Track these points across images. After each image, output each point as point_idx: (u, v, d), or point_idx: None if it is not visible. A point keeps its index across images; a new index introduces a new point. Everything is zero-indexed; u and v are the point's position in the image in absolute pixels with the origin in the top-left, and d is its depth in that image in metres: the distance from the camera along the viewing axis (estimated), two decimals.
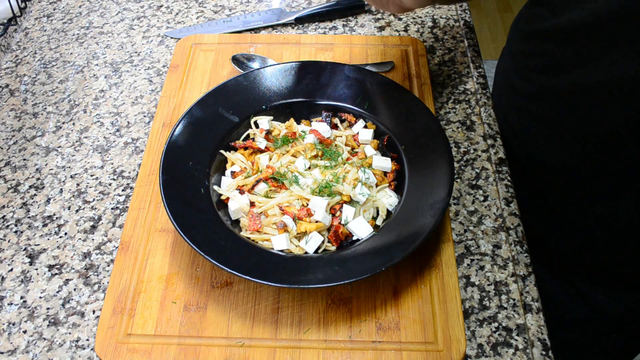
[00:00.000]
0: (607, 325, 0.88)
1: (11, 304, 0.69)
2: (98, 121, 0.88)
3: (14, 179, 0.81)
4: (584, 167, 0.77)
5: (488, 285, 0.70)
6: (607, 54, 0.66)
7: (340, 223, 0.70)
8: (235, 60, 0.91)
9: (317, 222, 0.68)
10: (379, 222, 0.71)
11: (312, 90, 0.82)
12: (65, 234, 0.75)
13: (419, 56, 0.92)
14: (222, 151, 0.77)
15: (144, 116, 0.89)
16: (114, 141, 0.85)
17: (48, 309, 0.68)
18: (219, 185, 0.74)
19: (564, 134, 0.77)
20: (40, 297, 0.69)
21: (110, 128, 0.87)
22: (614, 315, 0.86)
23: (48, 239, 0.75)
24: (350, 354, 0.63)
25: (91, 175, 0.81)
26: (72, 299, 0.69)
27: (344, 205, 0.70)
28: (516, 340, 0.65)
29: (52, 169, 0.82)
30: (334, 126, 0.81)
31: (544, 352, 0.64)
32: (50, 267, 0.72)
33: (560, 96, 0.75)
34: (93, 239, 0.74)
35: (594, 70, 0.68)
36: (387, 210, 0.72)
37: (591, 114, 0.72)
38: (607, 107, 0.70)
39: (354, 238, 0.70)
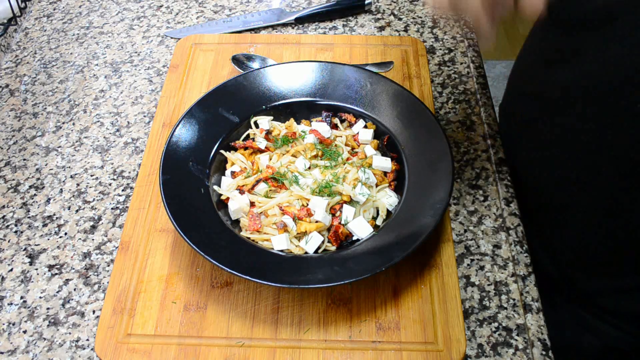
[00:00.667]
0: (585, 358, 0.86)
1: (11, 304, 0.69)
2: (98, 121, 0.88)
3: (14, 179, 0.81)
4: (581, 180, 0.75)
5: (488, 285, 0.70)
6: (606, 48, 0.64)
7: (340, 223, 0.70)
8: (235, 60, 0.91)
9: (317, 222, 0.68)
10: (379, 222, 0.71)
11: (312, 90, 0.82)
12: (65, 234, 0.75)
13: (419, 56, 0.92)
14: (222, 151, 0.77)
15: (144, 116, 0.89)
16: (114, 141, 0.85)
17: (48, 309, 0.68)
18: (219, 185, 0.74)
19: (563, 142, 0.75)
20: (40, 297, 0.69)
21: (110, 128, 0.87)
22: (592, 350, 0.84)
23: (48, 239, 0.75)
24: (350, 354, 0.63)
25: (91, 175, 0.81)
26: (72, 299, 0.69)
27: (344, 205, 0.70)
28: (516, 340, 0.65)
29: (52, 169, 0.82)
30: (334, 126, 0.81)
31: (544, 352, 0.64)
32: (50, 267, 0.72)
33: (559, 94, 0.73)
34: (93, 239, 0.75)
35: (590, 65, 0.66)
36: (387, 210, 0.72)
37: (584, 115, 0.70)
38: (601, 108, 0.68)
39: (354, 238, 0.70)
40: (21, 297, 0.69)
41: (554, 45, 0.74)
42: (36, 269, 0.72)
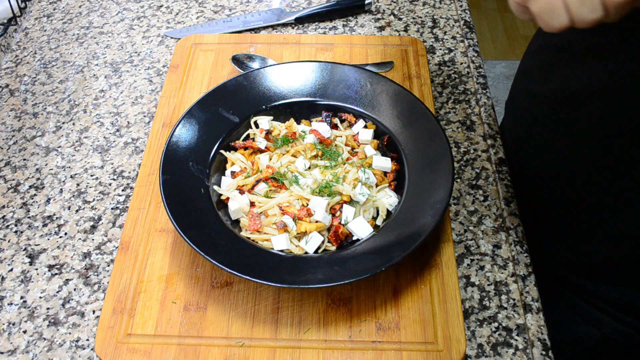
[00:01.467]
0: (581, 352, 0.86)
1: (11, 304, 0.69)
2: (98, 121, 0.88)
3: (14, 179, 0.81)
4: (586, 175, 0.75)
5: (488, 285, 0.70)
6: (616, 48, 0.64)
7: (340, 223, 0.70)
8: (235, 60, 0.91)
9: (317, 222, 0.68)
10: (379, 222, 0.71)
11: (312, 90, 0.82)
12: (65, 234, 0.75)
13: (419, 56, 0.92)
14: (222, 151, 0.77)
15: (144, 116, 0.89)
16: (114, 141, 0.85)
17: (48, 309, 0.68)
18: (219, 185, 0.74)
19: (569, 140, 0.75)
20: (40, 297, 0.69)
21: (110, 128, 0.87)
22: (589, 342, 0.84)
23: (48, 239, 0.75)
24: (350, 354, 0.63)
25: (91, 175, 0.81)
26: (72, 299, 0.69)
27: (344, 205, 0.70)
28: (516, 340, 0.65)
29: (52, 169, 0.82)
30: (334, 126, 0.81)
31: (544, 352, 0.64)
32: (50, 267, 0.72)
33: (568, 94, 0.73)
34: (93, 239, 0.74)
35: (599, 65, 0.66)
36: (387, 210, 0.72)
37: (595, 115, 0.70)
38: (611, 109, 0.68)
39: (354, 238, 0.70)
40: (21, 297, 0.69)
41: (562, 46, 0.74)
42: (36, 269, 0.72)
